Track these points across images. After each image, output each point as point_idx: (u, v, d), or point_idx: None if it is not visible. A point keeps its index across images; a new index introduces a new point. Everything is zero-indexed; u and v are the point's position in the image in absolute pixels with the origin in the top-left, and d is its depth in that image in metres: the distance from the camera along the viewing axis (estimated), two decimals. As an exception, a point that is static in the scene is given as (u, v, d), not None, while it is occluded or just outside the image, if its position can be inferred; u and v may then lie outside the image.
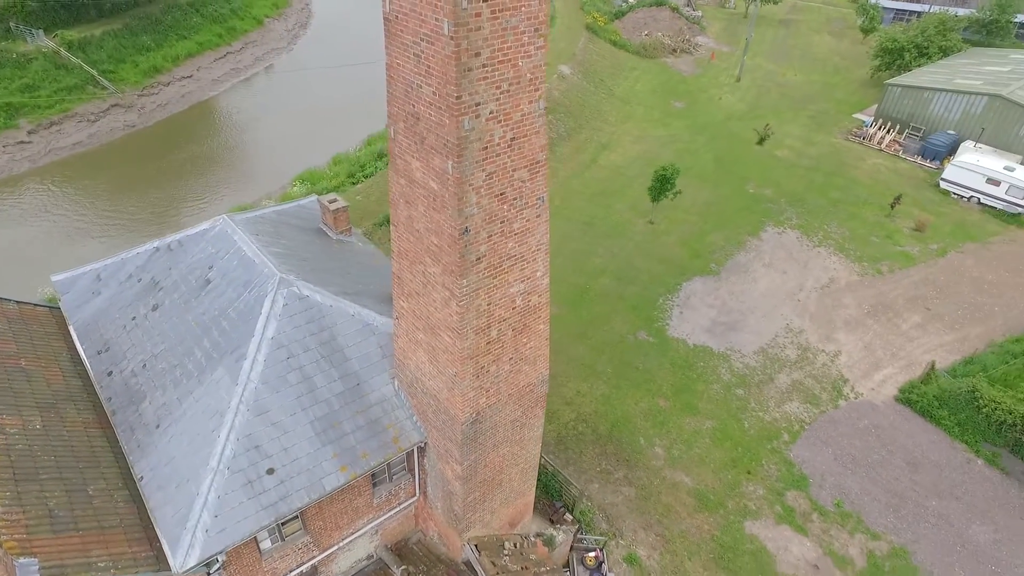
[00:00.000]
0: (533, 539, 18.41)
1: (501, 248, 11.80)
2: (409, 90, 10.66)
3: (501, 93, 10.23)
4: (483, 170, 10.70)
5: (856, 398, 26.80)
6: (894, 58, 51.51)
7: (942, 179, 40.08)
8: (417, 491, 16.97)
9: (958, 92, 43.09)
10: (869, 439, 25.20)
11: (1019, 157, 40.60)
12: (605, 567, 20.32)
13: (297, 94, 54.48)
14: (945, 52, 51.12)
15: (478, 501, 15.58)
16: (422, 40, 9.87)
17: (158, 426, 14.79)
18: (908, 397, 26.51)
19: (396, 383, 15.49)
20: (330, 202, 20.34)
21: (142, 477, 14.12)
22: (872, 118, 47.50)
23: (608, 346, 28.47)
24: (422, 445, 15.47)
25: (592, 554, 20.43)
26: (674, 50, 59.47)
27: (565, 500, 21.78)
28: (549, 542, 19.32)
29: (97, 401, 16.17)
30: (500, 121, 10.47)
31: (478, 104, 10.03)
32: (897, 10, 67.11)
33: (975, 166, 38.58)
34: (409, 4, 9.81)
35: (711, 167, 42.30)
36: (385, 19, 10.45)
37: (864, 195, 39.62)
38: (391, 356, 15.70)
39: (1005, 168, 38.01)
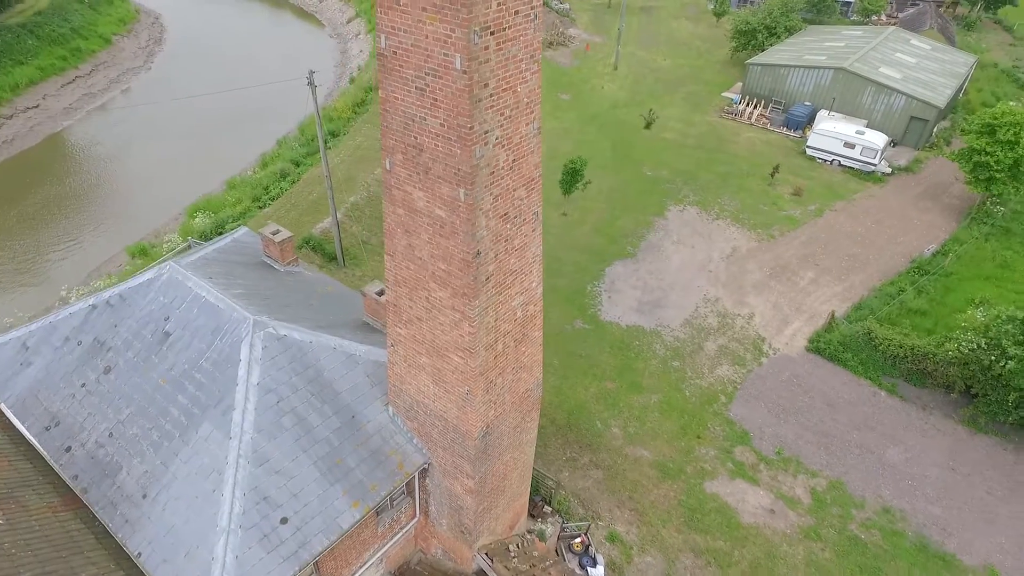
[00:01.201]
0: (530, 537, 19.00)
1: (505, 265, 12.21)
2: (410, 123, 10.76)
3: (504, 119, 10.61)
4: (491, 194, 11.05)
5: (775, 354, 29.58)
6: (748, 39, 56.32)
7: (807, 146, 44.57)
8: (417, 512, 17.01)
9: (809, 67, 47.97)
10: (792, 389, 27.97)
11: (865, 121, 45.97)
12: (592, 549, 21.31)
13: (165, 118, 50.75)
14: (790, 31, 56.61)
15: (486, 510, 15.94)
16: (427, 75, 10.04)
17: (145, 496, 13.85)
18: (817, 346, 29.62)
19: (391, 410, 15.44)
20: (273, 234, 19.62)
21: (139, 553, 13.21)
22: (739, 96, 51.76)
23: (550, 338, 29.43)
24: (425, 467, 15.55)
25: (577, 540, 21.36)
26: (551, 43, 61.29)
27: (543, 493, 22.53)
28: (541, 536, 20.01)
29: (58, 481, 14.81)
30: (504, 146, 10.86)
31: (486, 132, 10.36)
32: (741, -7, 73.14)
33: (833, 132, 43.27)
34: (411, 40, 9.93)
35: (608, 155, 44.38)
36: (380, 55, 10.47)
37: (746, 168, 43.28)
38: (381, 384, 15.60)
39: (857, 132, 42.95)
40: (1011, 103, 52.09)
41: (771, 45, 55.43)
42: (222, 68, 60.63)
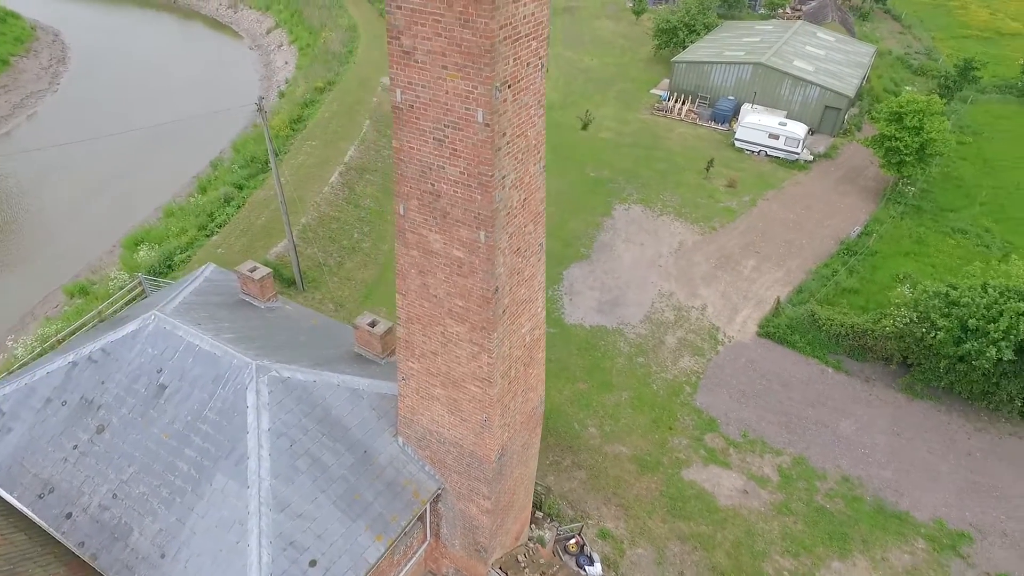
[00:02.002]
0: (533, 545, 19.68)
1: (517, 295, 12.77)
2: (427, 171, 11.14)
3: (518, 163, 11.16)
4: (507, 232, 11.58)
5: (730, 341, 31.38)
6: (670, 37, 58.61)
7: (736, 139, 47.03)
8: (428, 535, 17.37)
9: (730, 63, 50.52)
10: (749, 373, 29.80)
11: (785, 112, 48.91)
12: (587, 548, 22.22)
13: (81, 145, 48.08)
14: (708, 28, 59.29)
15: (499, 526, 16.50)
16: (447, 127, 10.45)
17: (163, 555, 13.64)
18: (767, 331, 31.62)
19: (401, 440, 15.73)
20: (251, 271, 19.36)
21: (167, 614, 13.04)
22: (667, 92, 53.87)
23: (519, 346, 30.10)
24: (439, 492, 15.93)
25: (572, 541, 22.20)
26: (479, 48, 61.71)
27: (535, 499, 23.23)
28: (540, 542, 20.73)
29: (61, 550, 14.33)
30: (517, 187, 11.41)
31: (504, 176, 10.88)
32: (657, -9, 75.75)
33: (758, 124, 45.86)
34: (429, 95, 10.32)
35: (551, 158, 45.30)
36: (396, 108, 10.79)
37: (682, 163, 45.26)
38: (387, 415, 15.86)
39: (780, 124, 45.70)
40: (908, 88, 56.68)
41: (692, 42, 57.89)
42: (137, 87, 57.90)
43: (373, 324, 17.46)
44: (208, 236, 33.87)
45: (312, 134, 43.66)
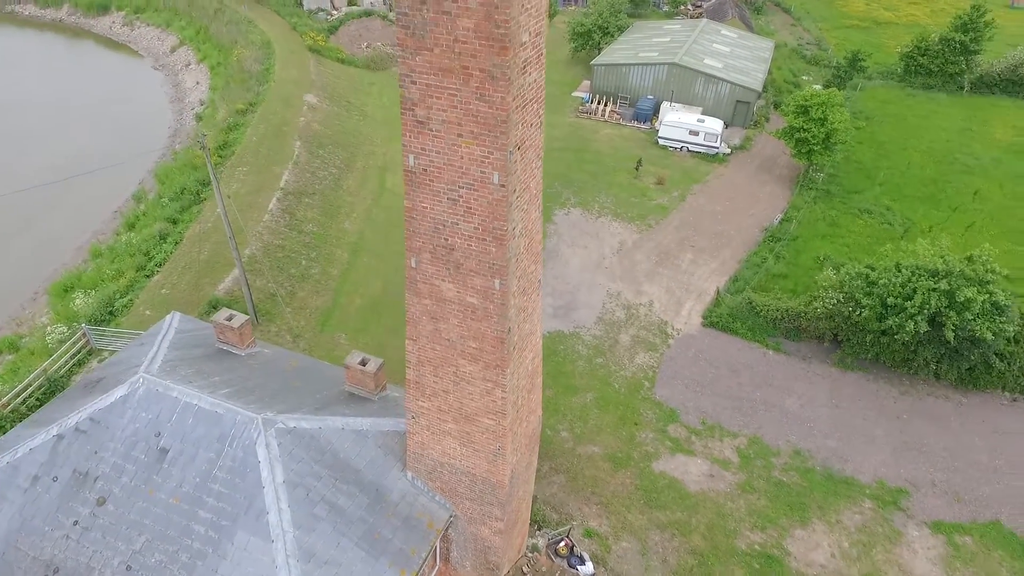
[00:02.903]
0: (531, 555, 20.63)
1: (523, 330, 13.63)
2: (440, 227, 11.79)
3: (524, 213, 12.00)
4: (516, 276, 12.40)
5: (678, 334, 33.37)
6: (586, 40, 60.55)
7: (659, 137, 49.40)
8: (437, 561, 17.98)
9: (646, 64, 52.92)
10: (700, 363, 31.86)
11: (701, 108, 51.79)
12: (577, 549, 23.39)
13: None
14: (621, 30, 61.64)
15: (508, 544, 17.34)
16: (461, 188, 11.15)
17: (192, 620, 13.67)
18: (711, 321, 33.82)
19: (410, 474, 16.27)
20: (228, 320, 19.22)
21: None
22: (589, 94, 55.75)
23: (483, 359, 30.88)
24: (450, 519, 16.58)
25: (562, 544, 23.32)
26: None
27: (521, 509, 24.19)
28: (536, 550, 21.72)
29: (77, 630, 14.05)
30: (523, 234, 12.24)
31: (514, 228, 11.70)
32: (565, -7, 77.75)
33: (678, 122, 48.38)
34: (443, 160, 10.98)
35: (486, 168, 46.15)
36: (408, 172, 11.37)
37: (611, 164, 47.15)
38: (393, 452, 16.35)
39: (698, 120, 48.40)
40: (804, 77, 61.09)
41: (607, 44, 60.04)
42: (31, 120, 54.19)
43: (364, 363, 17.83)
44: (148, 276, 32.64)
45: (242, 159, 42.57)
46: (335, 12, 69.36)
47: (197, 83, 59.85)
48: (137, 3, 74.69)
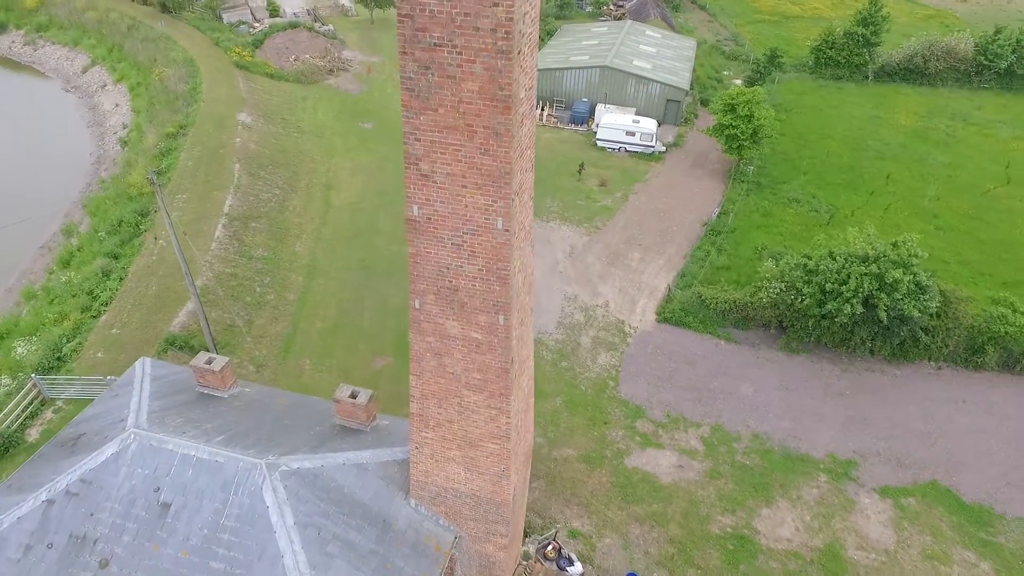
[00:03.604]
0: (526, 563, 21.42)
1: (521, 356, 14.34)
2: (445, 271, 12.34)
3: (521, 251, 12.70)
4: (516, 310, 13.10)
5: (636, 332, 34.83)
6: (517, 45, 61.45)
7: (597, 139, 50.94)
8: (441, 580, 18.49)
9: (579, 68, 54.35)
10: (659, 358, 33.40)
11: (634, 109, 53.68)
12: (564, 551, 24.34)
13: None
14: (549, 34, 62.90)
15: (511, 556, 18.05)
16: (465, 234, 11.74)
17: (216, 672, 13.74)
18: (664, 317, 35.45)
19: (413, 502, 16.72)
20: (208, 363, 19.05)
21: None
22: (524, 100, 56.71)
23: (452, 373, 31.36)
24: (456, 540, 17.14)
25: (549, 547, 24.22)
26: (331, 71, 60.81)
27: (507, 518, 24.92)
28: (527, 557, 22.53)
29: None
30: (521, 270, 12.95)
31: (515, 266, 12.39)
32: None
33: (615, 124, 50.05)
34: (448, 209, 11.54)
35: (432, 179, 46.40)
36: (412, 221, 11.85)
37: (554, 168, 48.28)
38: (395, 482, 16.77)
39: (634, 121, 50.20)
40: (725, 72, 64.06)
41: (538, 49, 61.13)
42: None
43: (354, 395, 18.11)
44: (95, 317, 31.39)
45: (180, 186, 41.28)
46: (257, 25, 67.62)
47: (116, 105, 57.26)
48: (39, 21, 70.47)
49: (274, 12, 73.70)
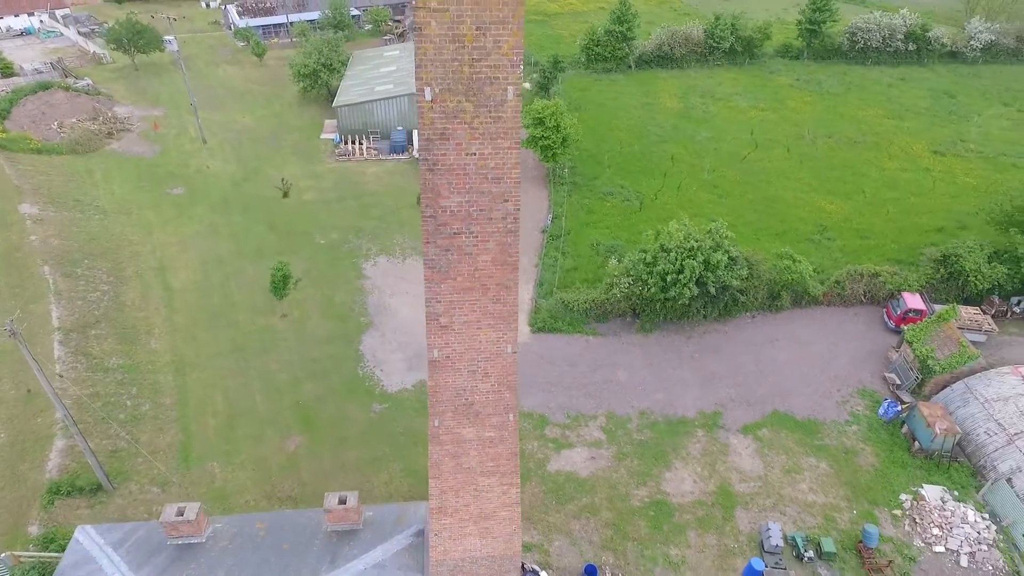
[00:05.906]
0: (510, 589, 24.10)
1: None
2: (461, 392, 14.44)
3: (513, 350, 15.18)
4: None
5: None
6: (313, 80, 60.80)
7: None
8: (457, 635, 20.56)
9: (387, 98, 55.75)
10: (544, 365, 37.36)
11: (448, 130, 56.51)
12: (528, 565, 27.40)
13: None
14: (344, 64, 62.97)
15: (513, 594, 20.66)
16: (479, 362, 13.96)
17: None
18: (537, 326, 39.45)
19: (432, 580, 18.56)
20: (179, 514, 18.77)
21: None
22: (338, 135, 56.82)
23: (366, 436, 32.46)
24: (471, 598, 19.29)
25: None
26: (109, 133, 55.24)
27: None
28: (504, 583, 25.24)
29: None
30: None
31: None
32: (263, 26, 75.63)
33: (436, 150, 52.51)
34: (463, 347, 13.66)
35: (273, 239, 45.41)
36: (432, 362, 13.74)
37: (392, 203, 49.68)
38: (412, 567, 18.45)
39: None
40: (524, 85, 69.16)
41: (335, 81, 61.10)
42: None
43: (343, 501, 19.25)
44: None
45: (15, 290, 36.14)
46: (-4, 91, 58.74)
47: None
48: None
49: (7, 71, 64.37)
